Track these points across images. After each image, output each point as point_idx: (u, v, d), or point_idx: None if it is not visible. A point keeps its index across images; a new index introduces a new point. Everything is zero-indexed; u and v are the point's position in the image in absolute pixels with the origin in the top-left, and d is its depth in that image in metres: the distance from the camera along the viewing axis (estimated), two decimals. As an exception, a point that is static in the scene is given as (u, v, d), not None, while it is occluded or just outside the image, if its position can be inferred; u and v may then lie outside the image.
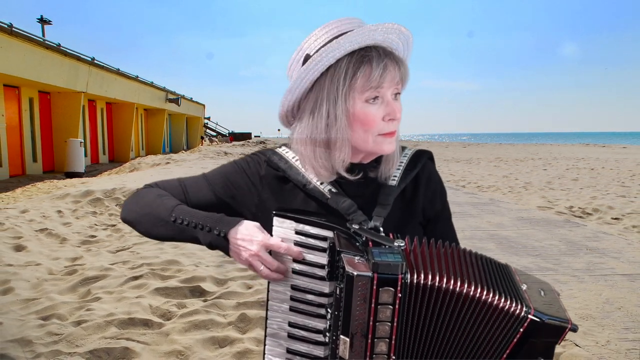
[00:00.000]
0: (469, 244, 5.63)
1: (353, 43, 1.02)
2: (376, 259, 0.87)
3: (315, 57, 1.03)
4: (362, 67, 1.02)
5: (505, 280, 0.97)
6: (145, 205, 1.09)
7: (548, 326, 0.89)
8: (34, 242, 5.68)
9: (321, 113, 1.05)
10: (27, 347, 3.05)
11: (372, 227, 1.03)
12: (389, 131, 1.06)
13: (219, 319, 3.46)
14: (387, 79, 1.03)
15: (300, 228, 1.00)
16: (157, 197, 1.10)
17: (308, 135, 1.07)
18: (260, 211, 1.12)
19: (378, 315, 0.86)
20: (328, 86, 1.04)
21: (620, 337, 3.27)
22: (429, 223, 1.18)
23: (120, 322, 3.38)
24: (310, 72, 1.04)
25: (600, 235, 6.29)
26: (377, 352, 0.88)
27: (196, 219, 1.03)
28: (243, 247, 0.99)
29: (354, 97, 1.03)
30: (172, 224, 1.05)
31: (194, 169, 13.63)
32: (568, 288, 4.23)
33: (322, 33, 1.08)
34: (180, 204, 1.08)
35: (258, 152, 1.17)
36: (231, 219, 1.03)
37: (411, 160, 1.16)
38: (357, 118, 1.04)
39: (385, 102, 1.04)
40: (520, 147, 41.36)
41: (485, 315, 0.91)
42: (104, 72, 18.79)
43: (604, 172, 15.91)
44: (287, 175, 1.11)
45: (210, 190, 1.14)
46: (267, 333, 1.02)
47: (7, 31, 12.13)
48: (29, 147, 15.40)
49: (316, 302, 0.99)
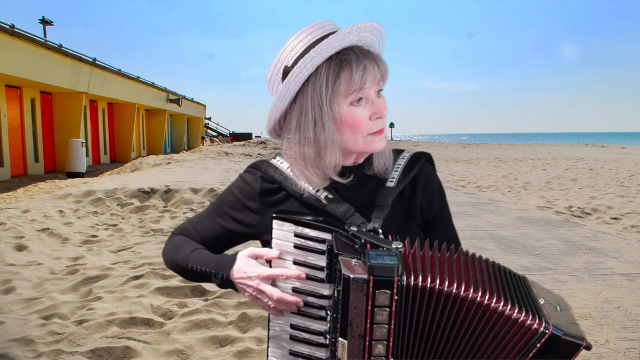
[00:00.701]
0: (469, 244, 5.64)
1: (330, 49, 1.02)
2: (372, 261, 0.87)
3: (295, 69, 1.03)
4: (342, 72, 1.02)
5: (523, 292, 0.95)
6: (171, 258, 1.19)
7: (565, 343, 0.88)
8: (36, 241, 5.70)
9: (307, 121, 1.05)
10: (28, 346, 3.07)
11: (371, 229, 1.03)
12: (377, 129, 1.06)
13: (219, 318, 3.48)
14: (368, 80, 1.03)
15: (299, 231, 1.00)
16: (175, 247, 1.19)
17: (297, 145, 1.07)
18: (263, 227, 1.12)
19: (375, 318, 0.87)
20: (311, 94, 1.03)
21: (619, 336, 3.29)
22: (428, 225, 1.18)
23: (122, 321, 3.40)
24: (292, 85, 1.04)
25: (599, 235, 6.30)
26: (375, 354, 0.88)
27: (204, 266, 1.10)
28: (244, 285, 1.03)
29: (339, 101, 1.03)
30: (192, 272, 1.13)
31: (194, 169, 13.64)
32: (567, 288, 4.25)
33: (296, 42, 1.07)
34: (193, 251, 1.14)
35: (252, 168, 1.17)
36: (228, 259, 1.07)
37: (409, 162, 1.16)
38: (345, 121, 1.04)
39: (370, 102, 1.05)
40: (519, 147, 41.28)
41: (500, 326, 0.90)
42: (105, 73, 18.82)
43: (603, 172, 15.92)
44: (282, 187, 1.12)
45: (215, 223, 1.18)
46: (269, 335, 1.04)
47: (9, 32, 12.16)
48: (30, 147, 15.43)
49: (317, 305, 0.99)
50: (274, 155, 1.19)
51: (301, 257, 1.01)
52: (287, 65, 1.06)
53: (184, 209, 7.66)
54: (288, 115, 1.09)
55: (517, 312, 0.89)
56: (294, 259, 1.01)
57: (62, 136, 16.52)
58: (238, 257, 1.05)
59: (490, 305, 0.90)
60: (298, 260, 1.01)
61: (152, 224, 6.75)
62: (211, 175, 11.42)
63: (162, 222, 6.91)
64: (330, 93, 1.03)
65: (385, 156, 1.13)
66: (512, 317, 0.89)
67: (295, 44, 1.07)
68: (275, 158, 1.17)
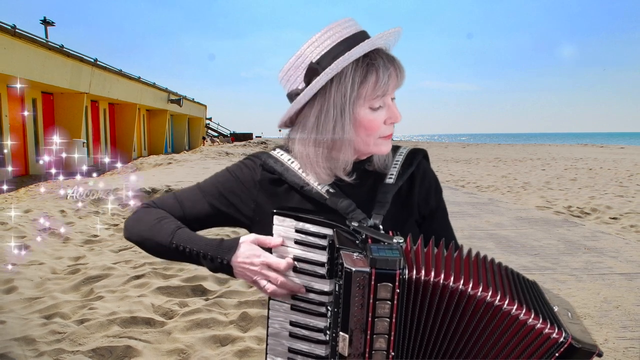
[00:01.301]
0: (468, 243, 5.65)
1: (361, 53, 1.03)
2: (374, 254, 0.87)
3: (327, 70, 1.03)
4: (370, 76, 1.03)
5: (537, 298, 0.95)
6: (145, 229, 1.10)
7: (581, 352, 0.88)
8: (37, 241, 5.71)
9: (327, 120, 1.05)
10: (30, 345, 3.08)
11: (372, 224, 1.03)
12: (389, 133, 1.09)
13: (220, 317, 3.49)
14: (391, 86, 1.05)
15: (300, 226, 1.00)
16: (155, 220, 1.11)
17: (312, 141, 1.07)
18: (258, 216, 1.12)
19: (377, 311, 0.86)
20: (334, 94, 1.04)
21: (618, 335, 3.30)
22: (425, 220, 1.18)
23: (123, 320, 3.41)
24: (319, 82, 1.04)
25: (598, 235, 6.31)
26: (376, 348, 0.87)
27: (197, 247, 1.05)
28: (246, 268, 1.01)
29: (361, 104, 1.05)
30: (174, 250, 1.06)
31: (195, 169, 13.66)
32: (566, 287, 4.26)
33: (323, 39, 1.07)
34: (179, 228, 1.08)
35: (252, 156, 1.17)
36: (230, 244, 1.04)
37: (407, 158, 1.17)
38: (362, 124, 1.06)
39: (386, 107, 1.07)
40: (519, 147, 41.27)
41: (513, 330, 0.89)
42: (106, 73, 18.84)
43: (602, 172, 15.92)
44: (283, 178, 1.11)
45: (205, 202, 1.14)
46: (268, 332, 1.03)
47: (11, 32, 12.19)
48: (32, 148, 15.47)
49: (317, 301, 0.99)
50: (273, 147, 1.18)
51: (302, 253, 1.00)
52: (312, 61, 1.06)
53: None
54: (306, 110, 1.08)
55: (534, 318, 0.89)
56: (294, 255, 1.00)
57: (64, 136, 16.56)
58: (242, 243, 1.03)
59: (502, 307, 0.89)
60: (299, 255, 1.00)
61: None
62: (212, 175, 11.45)
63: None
64: (355, 96, 1.03)
65: (386, 154, 1.15)
66: (528, 323, 0.88)
67: (322, 40, 1.07)
68: (276, 150, 1.16)
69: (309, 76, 1.05)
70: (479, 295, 0.89)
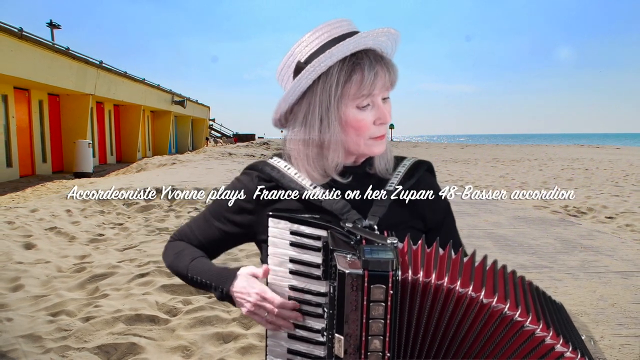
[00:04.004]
0: (467, 242, 5.66)
1: (345, 52, 1.02)
2: (367, 256, 0.86)
3: (308, 67, 1.04)
4: (354, 75, 1.02)
5: (565, 323, 0.94)
6: (171, 264, 1.21)
7: None
8: (44, 240, 5.74)
9: (314, 118, 1.06)
10: (36, 342, 3.11)
11: (367, 225, 1.03)
12: (379, 134, 1.08)
13: (223, 315, 3.51)
14: (378, 86, 1.03)
15: (295, 228, 1.00)
16: (174, 255, 1.20)
17: (301, 139, 1.08)
18: (260, 226, 1.12)
19: (371, 313, 0.86)
20: (320, 93, 1.04)
21: (614, 332, 3.32)
22: (429, 231, 1.17)
23: (128, 318, 3.43)
24: (303, 81, 1.05)
25: (595, 234, 6.34)
26: (372, 350, 0.87)
27: (205, 278, 1.11)
28: (243, 300, 1.03)
29: (346, 103, 1.04)
30: (193, 282, 1.14)
31: (199, 169, 13.72)
32: (563, 285, 4.30)
33: (312, 39, 1.08)
34: (193, 260, 1.15)
35: (248, 169, 1.18)
36: (228, 274, 1.07)
37: (409, 169, 1.16)
38: (350, 124, 1.05)
39: (375, 107, 1.06)
40: (516, 148, 41.07)
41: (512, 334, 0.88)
42: (111, 75, 18.95)
43: (598, 172, 15.91)
44: (280, 184, 1.11)
45: (214, 229, 1.19)
46: (267, 334, 1.03)
47: (18, 35, 12.30)
48: (38, 148, 15.57)
49: (314, 302, 0.99)
50: (271, 155, 1.20)
51: (297, 255, 1.00)
52: (300, 61, 1.07)
53: (188, 208, 7.73)
54: (295, 109, 1.10)
55: (562, 344, 0.87)
56: (290, 256, 1.00)
57: (70, 137, 16.66)
58: (239, 275, 1.06)
59: (514, 318, 0.87)
60: (294, 257, 1.00)
61: (158, 223, 6.82)
62: (215, 175, 11.47)
63: (167, 221, 6.98)
64: (339, 94, 1.03)
65: (386, 157, 1.15)
66: (536, 335, 0.87)
67: (310, 40, 1.08)
68: (273, 158, 1.17)
69: (296, 75, 1.07)
70: (482, 300, 0.88)
